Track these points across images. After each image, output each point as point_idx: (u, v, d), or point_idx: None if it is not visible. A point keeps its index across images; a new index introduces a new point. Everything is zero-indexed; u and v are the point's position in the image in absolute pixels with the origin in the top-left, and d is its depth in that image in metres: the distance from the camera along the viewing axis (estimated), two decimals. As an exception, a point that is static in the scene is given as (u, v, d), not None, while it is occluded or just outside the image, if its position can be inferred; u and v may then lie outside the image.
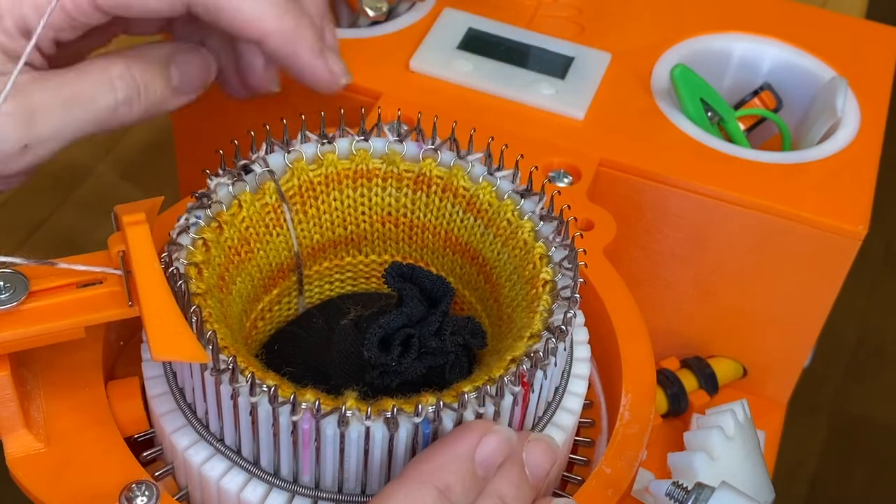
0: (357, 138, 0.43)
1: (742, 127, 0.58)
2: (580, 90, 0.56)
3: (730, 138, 0.57)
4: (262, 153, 0.42)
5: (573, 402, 0.40)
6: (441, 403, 0.34)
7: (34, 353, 0.38)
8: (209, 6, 0.38)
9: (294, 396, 0.34)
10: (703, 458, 0.48)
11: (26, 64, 0.39)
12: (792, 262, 0.53)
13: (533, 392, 0.37)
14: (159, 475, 0.39)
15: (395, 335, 0.38)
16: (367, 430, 0.34)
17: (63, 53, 0.42)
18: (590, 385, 0.43)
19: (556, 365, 0.38)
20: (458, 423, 0.35)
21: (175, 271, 0.37)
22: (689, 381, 0.56)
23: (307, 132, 0.42)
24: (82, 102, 0.40)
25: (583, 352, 0.41)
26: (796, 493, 1.02)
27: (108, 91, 0.40)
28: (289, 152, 0.42)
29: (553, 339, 0.37)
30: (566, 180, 0.52)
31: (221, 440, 0.37)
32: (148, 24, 0.47)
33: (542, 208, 0.41)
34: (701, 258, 0.55)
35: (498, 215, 0.41)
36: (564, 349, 0.39)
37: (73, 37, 0.40)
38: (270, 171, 0.41)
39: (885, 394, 1.12)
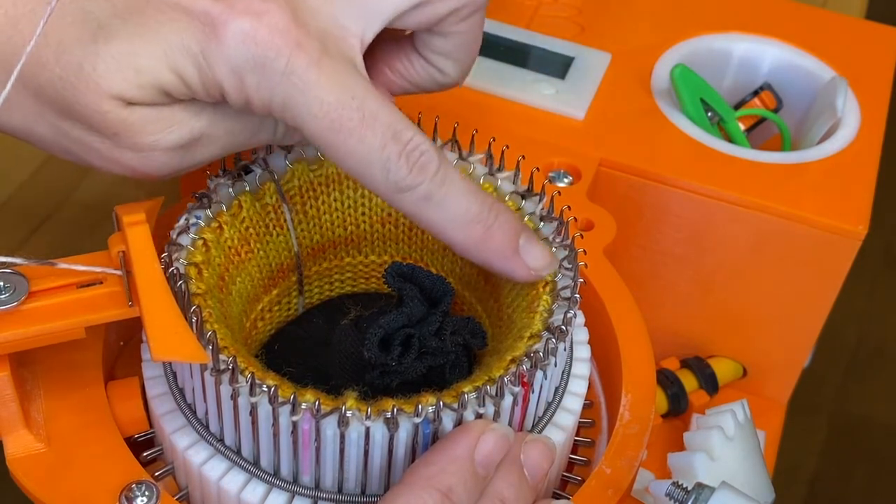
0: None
1: (742, 127, 0.58)
2: (580, 90, 0.56)
3: (730, 138, 0.57)
4: (262, 153, 0.42)
5: (573, 402, 0.40)
6: (441, 403, 0.34)
7: (34, 353, 0.38)
8: (400, 209, 0.38)
9: (294, 396, 0.34)
10: (703, 458, 0.48)
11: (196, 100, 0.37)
12: (792, 262, 0.53)
13: (533, 392, 0.37)
14: (159, 475, 0.38)
15: (395, 335, 0.38)
16: (367, 430, 0.34)
17: None
18: (590, 385, 0.43)
19: (556, 365, 0.38)
20: (458, 423, 0.35)
21: (175, 271, 0.37)
22: (689, 381, 0.56)
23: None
24: (244, 139, 0.39)
25: (583, 352, 0.41)
26: (796, 493, 1.02)
27: (270, 134, 0.39)
28: (289, 152, 0.42)
29: (553, 340, 0.37)
30: (566, 180, 0.52)
31: (221, 440, 0.37)
32: None
33: (543, 209, 0.41)
34: (701, 258, 0.55)
35: (498, 215, 0.41)
36: (564, 349, 0.39)
37: None
38: (270, 172, 0.41)
39: (885, 394, 1.12)
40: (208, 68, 0.35)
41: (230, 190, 0.40)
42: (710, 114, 0.56)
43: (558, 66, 0.57)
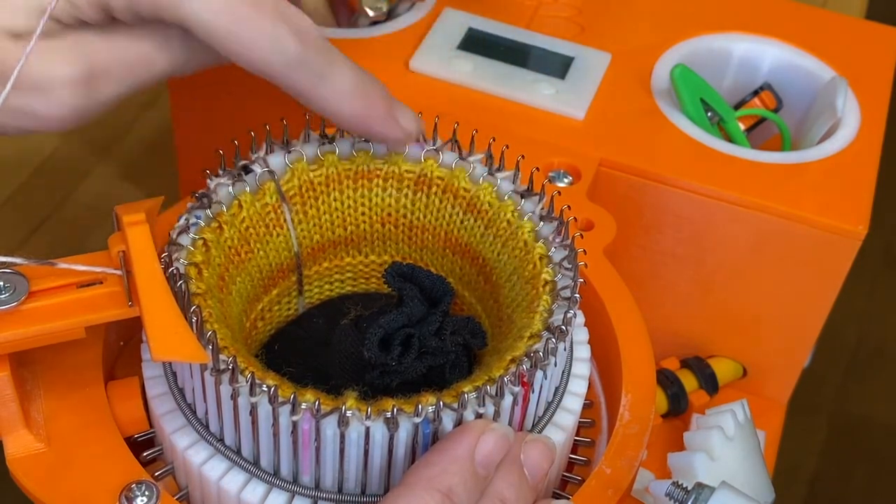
0: (358, 139, 0.43)
1: (742, 127, 0.58)
2: (580, 90, 0.56)
3: (730, 138, 0.57)
4: (262, 153, 0.42)
5: (573, 402, 0.40)
6: (441, 403, 0.34)
7: (34, 353, 0.38)
8: (291, 90, 0.39)
9: (294, 396, 0.34)
10: (703, 458, 0.48)
11: (86, 23, 0.38)
12: (792, 262, 0.53)
13: (533, 392, 0.37)
14: (159, 475, 0.38)
15: (395, 335, 0.38)
16: (367, 430, 0.34)
17: None
18: (590, 385, 0.43)
19: (556, 365, 0.38)
20: (458, 423, 0.35)
21: (175, 271, 0.37)
22: (689, 381, 0.56)
23: (310, 131, 0.42)
24: (145, 65, 0.39)
25: (583, 352, 0.41)
26: (796, 493, 1.02)
27: (168, 53, 0.39)
28: (289, 152, 0.42)
29: (553, 339, 0.37)
30: (566, 180, 0.52)
31: (221, 440, 0.37)
32: None
33: (543, 209, 0.41)
34: (701, 258, 0.55)
35: (498, 216, 0.41)
36: (564, 349, 0.39)
37: None
38: (270, 172, 0.41)
39: (885, 394, 1.12)
40: None
41: (230, 190, 0.40)
42: (710, 114, 0.56)
43: (558, 66, 0.57)
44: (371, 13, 0.59)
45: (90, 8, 0.37)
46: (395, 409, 0.34)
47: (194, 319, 0.35)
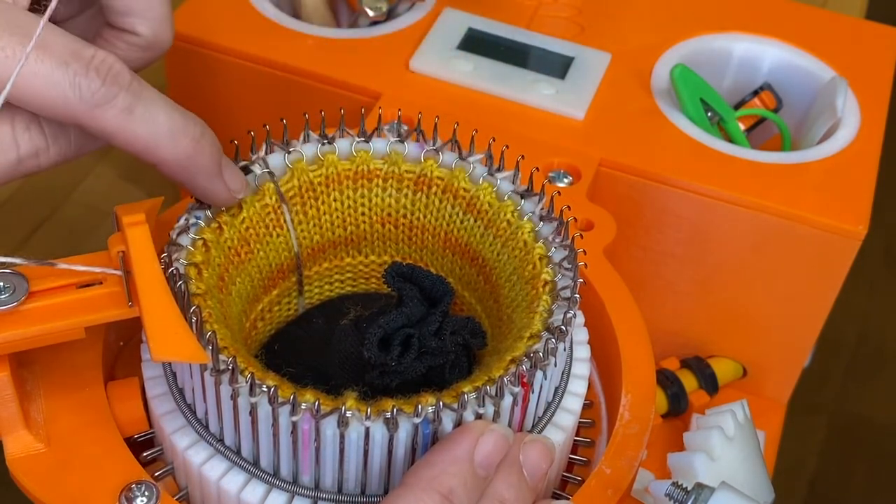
0: (357, 139, 0.43)
1: (742, 127, 0.58)
2: (580, 90, 0.56)
3: (730, 138, 0.57)
4: (262, 154, 0.42)
5: (573, 402, 0.40)
6: (441, 404, 0.34)
7: (34, 353, 0.38)
8: (101, 132, 0.37)
9: (294, 397, 0.34)
10: (703, 458, 0.48)
11: None
12: (792, 262, 0.53)
13: (533, 392, 0.37)
14: (159, 475, 0.39)
15: (395, 335, 0.38)
16: (367, 430, 0.34)
17: None
18: (590, 385, 0.43)
19: (555, 365, 0.38)
20: (458, 423, 0.35)
21: (175, 272, 0.37)
22: (689, 381, 0.56)
23: (310, 132, 0.42)
24: None
25: (583, 352, 0.41)
26: (796, 493, 1.02)
27: (9, 146, 0.37)
28: (289, 153, 0.42)
29: (553, 340, 0.37)
30: (566, 180, 0.52)
31: (221, 440, 0.37)
32: None
33: (542, 209, 0.41)
34: (701, 258, 0.55)
35: (498, 216, 0.41)
36: (564, 349, 0.39)
37: None
38: (270, 172, 0.41)
39: (885, 394, 1.12)
40: None
41: (230, 190, 0.40)
42: (710, 114, 0.56)
43: (558, 66, 0.57)
44: (371, 13, 0.59)
45: None
46: (394, 410, 0.34)
47: (194, 319, 0.35)
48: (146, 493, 0.36)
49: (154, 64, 0.44)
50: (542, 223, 0.40)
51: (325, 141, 0.42)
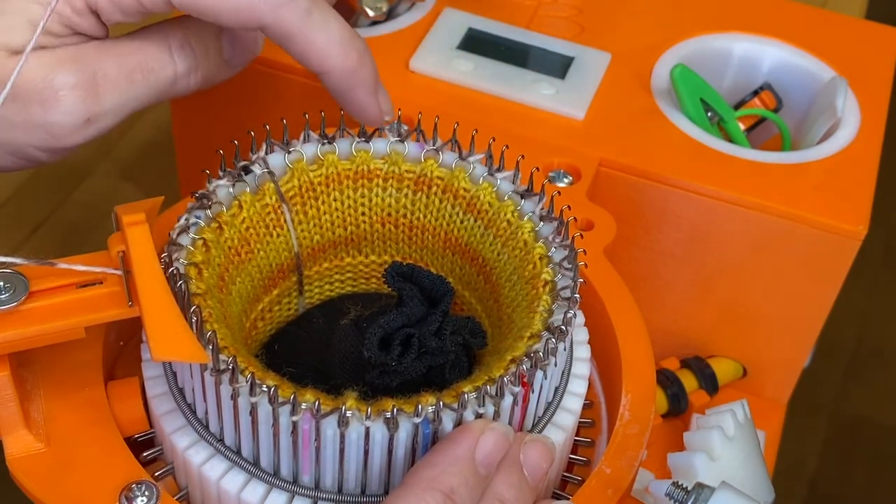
0: (357, 139, 0.43)
1: (742, 127, 0.58)
2: (580, 90, 0.56)
3: (730, 138, 0.57)
4: (262, 153, 0.42)
5: (573, 402, 0.40)
6: (441, 403, 0.34)
7: (34, 353, 0.38)
8: (281, 33, 0.39)
9: (294, 396, 0.34)
10: (703, 458, 0.48)
11: (86, 35, 0.39)
12: (792, 262, 0.53)
13: (533, 392, 0.37)
14: (159, 475, 0.39)
15: (395, 335, 0.38)
16: (367, 430, 0.34)
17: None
18: (590, 385, 0.43)
19: (556, 365, 0.38)
20: (458, 423, 0.35)
21: (175, 271, 0.37)
22: (689, 381, 0.56)
23: (310, 132, 0.42)
24: (145, 73, 0.40)
25: (583, 352, 0.41)
26: (796, 493, 1.02)
27: (168, 62, 0.41)
28: (289, 153, 0.42)
29: (553, 340, 0.37)
30: (566, 180, 0.52)
31: (221, 440, 0.37)
32: None
33: (542, 209, 0.41)
34: (701, 258, 0.55)
35: (498, 216, 0.41)
36: (564, 349, 0.39)
37: (136, 20, 0.41)
38: (270, 172, 0.41)
39: (885, 394, 1.12)
40: None
41: (230, 190, 0.40)
42: (710, 114, 0.56)
43: (558, 66, 0.57)
44: (371, 13, 0.59)
45: (81, 17, 0.38)
46: (395, 410, 0.34)
47: (194, 319, 0.35)
48: (146, 493, 0.36)
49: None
50: (542, 223, 0.41)
51: (325, 141, 0.42)
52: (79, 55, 0.39)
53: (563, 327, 0.37)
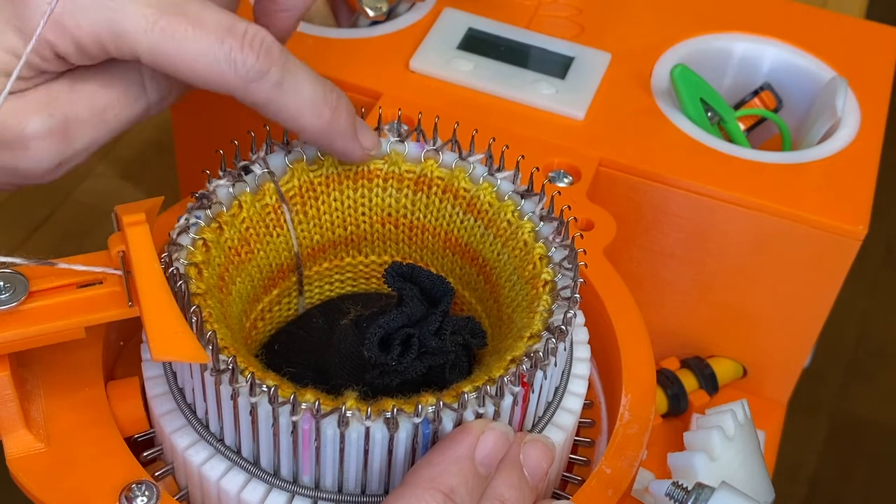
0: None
1: (742, 127, 0.58)
2: (580, 90, 0.56)
3: (730, 138, 0.57)
4: (262, 153, 0.42)
5: (573, 402, 0.40)
6: (441, 403, 0.34)
7: (34, 353, 0.38)
8: (251, 103, 0.39)
9: (294, 396, 0.34)
10: (703, 458, 0.48)
11: (55, 72, 0.38)
12: (792, 262, 0.53)
13: (533, 392, 0.37)
14: (159, 475, 0.39)
15: (395, 335, 0.38)
16: (367, 430, 0.34)
17: None
18: (590, 385, 0.43)
19: (556, 365, 0.38)
20: (458, 423, 0.35)
21: (175, 271, 0.37)
22: (689, 381, 0.56)
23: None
24: (117, 111, 0.40)
25: (583, 352, 0.41)
26: (796, 493, 1.02)
27: (140, 95, 0.40)
28: (289, 153, 0.42)
29: (553, 340, 0.37)
30: (566, 180, 0.52)
31: (221, 440, 0.37)
32: None
33: (543, 209, 0.41)
34: (701, 258, 0.55)
35: (498, 216, 0.41)
36: (564, 349, 0.39)
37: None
38: (270, 172, 0.41)
39: (885, 394, 1.12)
40: (25, 29, 0.36)
41: (230, 190, 0.40)
42: (710, 114, 0.56)
43: (558, 66, 0.57)
44: (371, 13, 0.59)
45: (48, 62, 0.37)
46: (395, 410, 0.34)
47: (194, 319, 0.35)
48: (146, 493, 0.36)
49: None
50: (542, 223, 0.41)
51: (326, 141, 0.42)
52: (50, 98, 0.38)
53: (563, 327, 0.37)
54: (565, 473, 0.41)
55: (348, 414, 0.34)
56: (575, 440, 0.42)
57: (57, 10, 0.35)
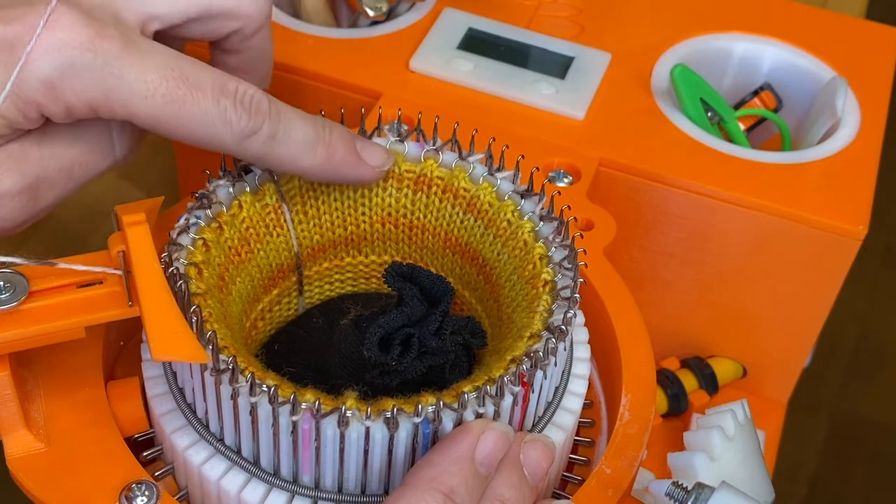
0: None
1: (742, 127, 0.58)
2: (580, 90, 0.56)
3: (730, 138, 0.57)
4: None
5: (573, 402, 0.40)
6: (441, 403, 0.34)
7: (34, 353, 0.38)
8: (246, 158, 0.39)
9: (294, 396, 0.34)
10: (703, 458, 0.48)
11: (22, 131, 0.37)
12: (792, 262, 0.53)
13: (533, 392, 0.37)
14: (159, 475, 0.39)
15: (395, 335, 0.38)
16: (367, 430, 0.34)
17: None
18: (590, 385, 0.43)
19: (556, 365, 0.38)
20: (458, 423, 0.35)
21: (175, 271, 0.37)
22: (689, 381, 0.56)
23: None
24: (85, 167, 0.39)
25: (583, 352, 0.41)
26: (796, 493, 1.02)
27: (109, 151, 0.40)
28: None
29: (553, 339, 0.37)
30: (566, 180, 0.52)
31: (221, 440, 0.37)
32: None
33: (543, 209, 0.41)
34: (701, 258, 0.55)
35: (498, 216, 0.41)
36: (564, 349, 0.39)
37: None
38: (270, 172, 0.41)
39: (885, 394, 1.12)
40: (18, 89, 0.35)
41: (230, 190, 0.40)
42: (710, 114, 0.56)
43: (558, 66, 0.57)
44: (371, 13, 0.59)
45: (30, 122, 0.36)
46: (395, 409, 0.34)
47: (194, 319, 0.35)
48: (146, 493, 0.36)
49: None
50: (542, 223, 0.41)
51: (326, 141, 0.42)
52: (21, 157, 0.37)
53: (563, 327, 0.37)
54: (565, 473, 0.41)
55: (348, 414, 0.34)
56: (575, 440, 0.42)
57: (51, 73, 0.35)
